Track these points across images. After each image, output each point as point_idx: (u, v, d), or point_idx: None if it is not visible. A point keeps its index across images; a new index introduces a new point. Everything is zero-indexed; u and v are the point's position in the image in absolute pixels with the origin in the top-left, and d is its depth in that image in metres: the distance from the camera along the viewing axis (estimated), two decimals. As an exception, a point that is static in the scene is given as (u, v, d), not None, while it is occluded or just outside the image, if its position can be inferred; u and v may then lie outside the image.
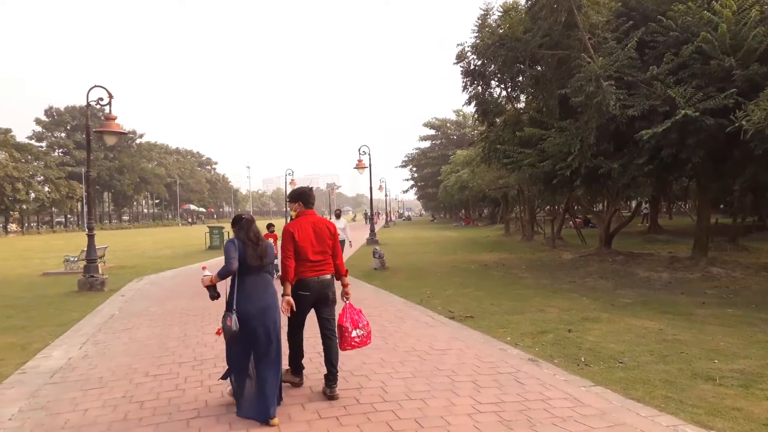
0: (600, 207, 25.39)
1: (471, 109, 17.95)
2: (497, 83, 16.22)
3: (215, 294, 4.53)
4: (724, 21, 10.23)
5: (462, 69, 15.67)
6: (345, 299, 4.95)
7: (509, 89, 16.40)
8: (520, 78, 15.42)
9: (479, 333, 7.25)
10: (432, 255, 20.42)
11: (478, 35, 14.90)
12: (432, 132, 65.82)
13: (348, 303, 4.94)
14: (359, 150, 28.88)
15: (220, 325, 4.37)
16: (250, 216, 4.75)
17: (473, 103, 16.27)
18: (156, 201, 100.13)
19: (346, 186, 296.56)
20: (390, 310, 9.05)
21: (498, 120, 16.62)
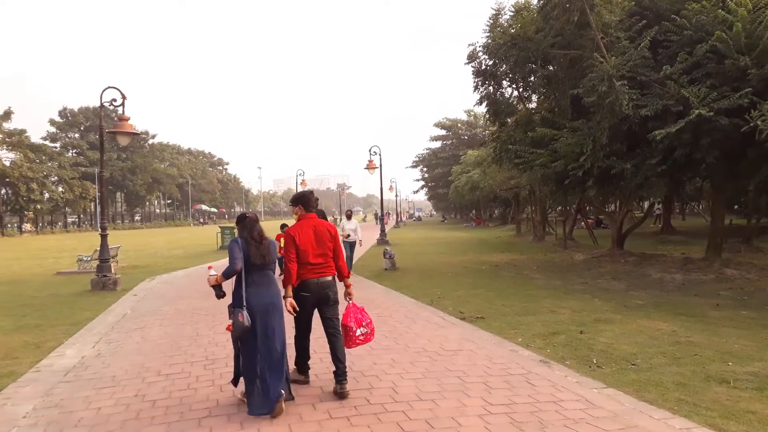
0: (612, 207, 25.21)
1: (482, 109, 17.94)
2: (509, 83, 16.18)
3: (221, 293, 4.65)
4: (739, 20, 10.12)
5: (473, 69, 15.64)
6: (348, 299, 5.07)
7: (521, 89, 16.34)
8: (531, 78, 15.37)
9: (490, 334, 7.22)
10: (442, 255, 20.39)
11: (489, 35, 14.86)
12: (443, 132, 65.81)
13: (351, 302, 5.06)
14: (370, 150, 28.92)
15: (230, 321, 4.44)
16: (253, 215, 4.86)
17: (484, 103, 16.26)
18: (168, 201, 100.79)
19: (356, 186, 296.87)
20: (400, 310, 9.05)
21: (509, 120, 16.57)
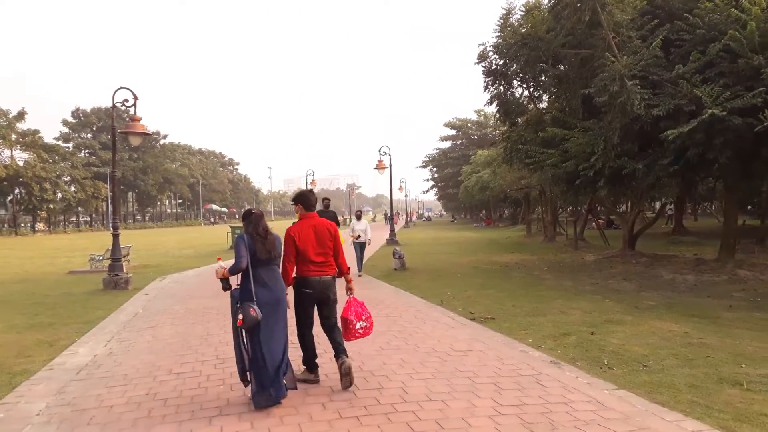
0: (623, 208, 25.05)
1: (492, 109, 17.86)
2: (519, 83, 16.12)
3: (227, 286, 4.77)
4: (752, 19, 10.01)
5: (484, 69, 15.59)
6: (349, 294, 5.21)
7: (531, 89, 16.27)
8: (542, 77, 15.30)
9: (500, 335, 7.20)
10: (452, 256, 20.36)
11: (500, 35, 14.81)
12: (453, 132, 65.65)
13: (352, 297, 5.21)
14: (380, 150, 28.93)
15: (240, 316, 4.52)
16: (259, 211, 4.97)
17: (495, 103, 16.21)
18: (179, 201, 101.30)
19: (366, 186, 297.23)
20: (410, 310, 9.04)
21: (520, 120, 16.51)
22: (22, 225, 55.19)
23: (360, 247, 14.18)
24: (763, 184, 15.02)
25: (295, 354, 5.66)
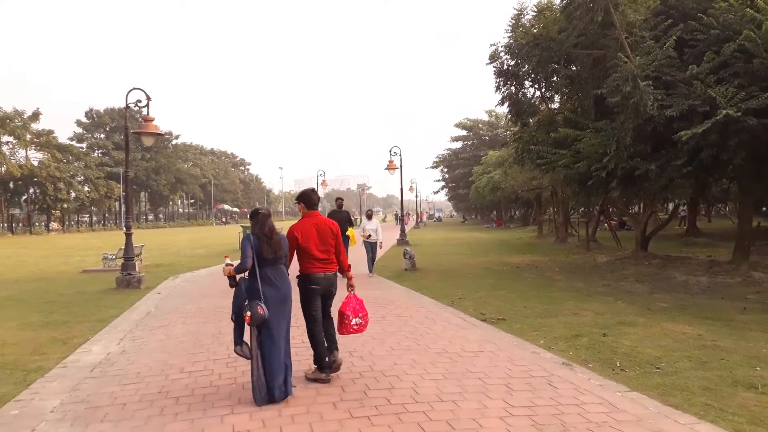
0: (636, 209, 24.87)
1: (504, 110, 17.81)
2: (531, 83, 16.05)
3: (234, 283, 4.90)
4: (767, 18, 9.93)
5: (495, 69, 15.54)
6: (350, 290, 5.41)
7: (543, 89, 16.21)
8: (554, 78, 15.23)
9: (511, 336, 7.18)
10: (463, 256, 20.32)
11: (511, 35, 14.77)
12: (464, 133, 65.51)
13: (352, 293, 5.39)
14: (390, 151, 28.96)
15: (248, 313, 4.61)
16: (266, 210, 5.08)
17: (506, 104, 16.15)
18: (191, 201, 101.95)
19: (376, 187, 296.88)
20: (421, 311, 9.03)
21: (531, 120, 16.44)
22: (36, 224, 55.73)
23: (371, 247, 14.18)
24: (779, 185, 14.85)
25: (306, 353, 5.70)
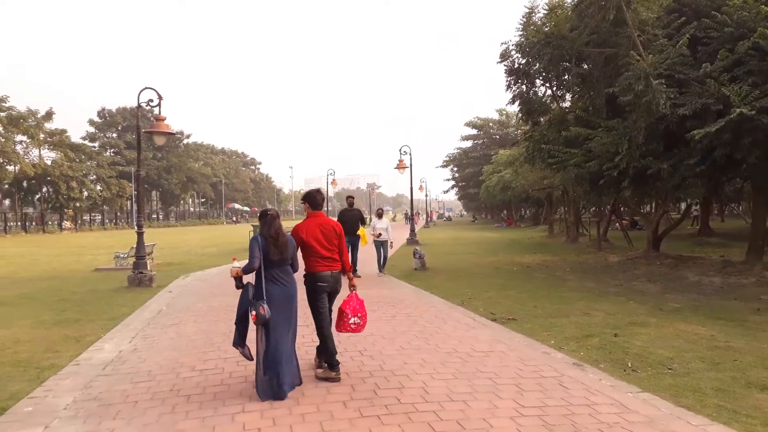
0: (648, 208, 24.66)
1: (515, 108, 17.74)
2: (542, 82, 15.95)
3: (241, 284, 5.00)
4: (783, 16, 9.80)
5: (506, 68, 15.47)
6: (352, 290, 5.52)
7: (554, 88, 16.11)
8: (565, 76, 15.13)
9: (522, 336, 7.15)
10: (473, 256, 20.27)
11: (522, 34, 14.69)
12: (474, 132, 65.32)
13: (354, 292, 5.51)
14: (400, 150, 28.91)
15: (254, 312, 4.73)
16: (274, 211, 5.18)
17: (517, 102, 16.09)
18: (202, 200, 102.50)
19: (386, 186, 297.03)
20: (431, 310, 9.02)
21: (542, 119, 16.37)
22: (49, 223, 56.22)
23: (381, 246, 14.17)
24: (793, 184, 14.65)
25: (315, 352, 5.70)
